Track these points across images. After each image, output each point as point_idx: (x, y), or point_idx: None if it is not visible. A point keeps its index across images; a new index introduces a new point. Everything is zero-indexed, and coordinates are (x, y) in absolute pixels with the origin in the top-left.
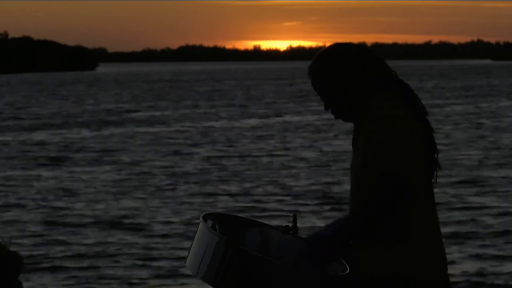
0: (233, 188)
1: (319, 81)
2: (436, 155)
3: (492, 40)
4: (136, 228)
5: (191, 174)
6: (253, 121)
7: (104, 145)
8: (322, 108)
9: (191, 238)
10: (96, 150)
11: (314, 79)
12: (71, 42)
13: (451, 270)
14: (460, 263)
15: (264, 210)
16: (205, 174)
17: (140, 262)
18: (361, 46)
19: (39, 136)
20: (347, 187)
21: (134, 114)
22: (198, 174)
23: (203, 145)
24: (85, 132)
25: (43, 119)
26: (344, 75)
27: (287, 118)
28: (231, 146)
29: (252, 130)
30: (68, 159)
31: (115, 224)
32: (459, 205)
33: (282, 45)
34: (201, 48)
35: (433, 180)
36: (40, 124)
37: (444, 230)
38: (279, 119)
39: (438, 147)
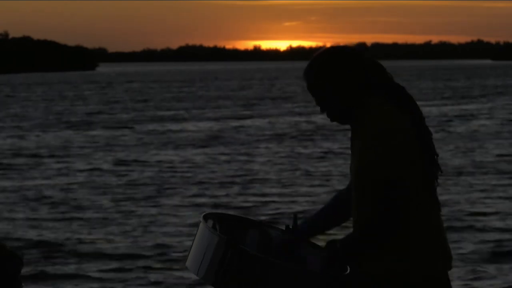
0: (233, 188)
1: (312, 86)
2: (436, 158)
3: (492, 40)
4: (137, 230)
5: (191, 174)
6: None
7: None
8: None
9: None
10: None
11: (307, 83)
12: (71, 42)
13: None
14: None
15: (264, 210)
16: (205, 174)
17: (140, 263)
18: (355, 50)
19: None
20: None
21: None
22: (199, 174)
23: (204, 146)
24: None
25: None
26: (335, 81)
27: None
28: (230, 146)
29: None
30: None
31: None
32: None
33: (282, 45)
34: (201, 48)
35: (435, 182)
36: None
37: None
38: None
39: None
